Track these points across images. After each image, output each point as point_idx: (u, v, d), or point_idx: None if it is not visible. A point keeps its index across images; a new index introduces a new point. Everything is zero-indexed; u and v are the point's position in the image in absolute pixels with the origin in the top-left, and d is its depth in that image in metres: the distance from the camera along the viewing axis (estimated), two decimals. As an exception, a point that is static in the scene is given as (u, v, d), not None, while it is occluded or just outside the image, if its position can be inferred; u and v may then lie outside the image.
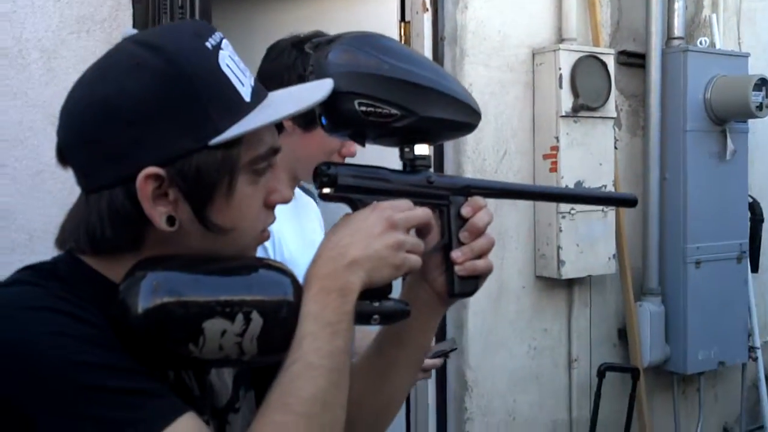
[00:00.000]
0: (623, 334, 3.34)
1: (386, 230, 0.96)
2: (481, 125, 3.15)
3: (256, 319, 0.88)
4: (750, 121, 3.53)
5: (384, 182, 1.02)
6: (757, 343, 3.64)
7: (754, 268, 3.69)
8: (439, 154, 2.96)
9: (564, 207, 3.01)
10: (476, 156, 2.96)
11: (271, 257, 1.66)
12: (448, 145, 2.97)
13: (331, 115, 0.99)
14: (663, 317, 3.34)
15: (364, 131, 1.02)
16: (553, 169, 3.03)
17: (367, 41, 1.01)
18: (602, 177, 3.12)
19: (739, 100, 3.28)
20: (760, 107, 3.28)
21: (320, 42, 1.02)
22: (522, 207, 3.07)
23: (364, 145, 1.05)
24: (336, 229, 0.97)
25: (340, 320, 0.92)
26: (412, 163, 1.05)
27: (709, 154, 3.38)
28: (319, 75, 0.98)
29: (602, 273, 3.16)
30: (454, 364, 2.97)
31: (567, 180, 3.01)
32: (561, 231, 3.01)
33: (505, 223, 3.02)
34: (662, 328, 3.33)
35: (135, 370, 0.84)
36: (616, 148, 3.24)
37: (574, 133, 3.03)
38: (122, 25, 2.28)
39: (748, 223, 3.65)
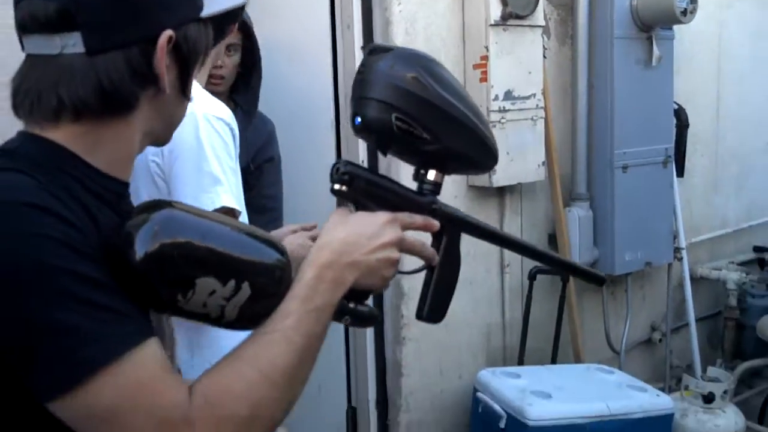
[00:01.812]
0: (553, 239, 3.44)
1: (392, 246, 1.03)
2: (410, 37, 3.15)
3: (245, 290, 0.93)
4: (676, 28, 3.59)
5: (394, 196, 1.07)
6: (683, 244, 3.78)
7: (680, 173, 3.81)
8: (369, 65, 2.95)
9: (494, 117, 3.04)
10: (407, 67, 2.96)
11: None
12: (379, 57, 2.96)
13: (366, 118, 1.04)
14: (591, 221, 3.44)
15: (390, 142, 1.06)
16: (483, 79, 3.05)
17: (420, 62, 1.05)
18: (531, 86, 3.15)
19: (665, 6, 3.32)
20: (684, 13, 3.34)
21: (376, 48, 1.06)
22: (454, 117, 3.09)
23: (385, 155, 1.09)
24: (345, 224, 1.02)
25: (325, 309, 0.98)
26: (421, 186, 1.10)
27: (636, 61, 3.44)
28: (368, 77, 1.03)
29: (532, 180, 3.23)
30: (388, 302, 3.03)
31: (497, 90, 3.04)
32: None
33: (438, 134, 3.05)
34: (591, 232, 3.44)
35: (113, 287, 0.86)
36: (545, 57, 3.27)
37: (503, 42, 3.05)
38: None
39: (674, 129, 3.75)
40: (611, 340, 3.71)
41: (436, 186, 1.10)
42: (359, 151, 2.97)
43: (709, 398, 3.21)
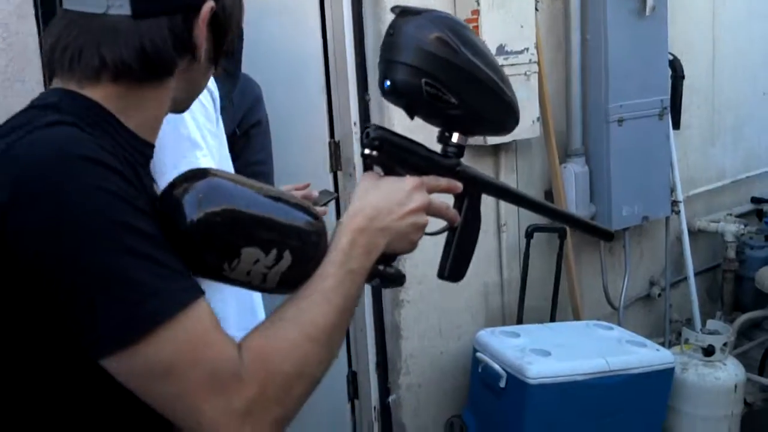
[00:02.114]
0: (550, 196, 3.40)
1: (421, 211, 1.07)
2: (397, -10, 3.00)
3: (287, 258, 0.96)
4: (670, -24, 3.52)
5: (420, 160, 1.10)
6: (680, 197, 3.75)
7: (676, 125, 3.76)
8: (358, 22, 2.90)
9: (487, 72, 2.99)
10: (396, 25, 2.90)
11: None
12: (367, 15, 2.90)
13: (395, 82, 1.05)
14: (587, 177, 3.40)
15: (418, 107, 1.08)
16: (475, 33, 2.98)
17: (449, 25, 1.06)
18: (524, 40, 3.09)
19: (658, -46, 3.26)
20: (678, -39, 3.27)
21: (406, 10, 1.06)
22: (445, 75, 3.04)
23: (412, 118, 1.10)
24: (376, 190, 1.05)
25: (360, 272, 1.01)
26: (445, 148, 1.13)
27: (629, 11, 3.37)
28: (397, 41, 1.04)
29: (527, 137, 3.17)
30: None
31: (489, 44, 2.97)
32: (485, 97, 2.99)
33: (429, 93, 2.99)
34: (587, 188, 3.40)
35: (166, 243, 0.88)
36: (537, 9, 3.20)
37: (493, -5, 2.98)
38: None
39: (669, 81, 3.69)
40: (610, 296, 3.69)
41: (460, 148, 1.12)
42: (351, 112, 2.92)
43: (709, 351, 3.20)
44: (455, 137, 1.12)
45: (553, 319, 3.28)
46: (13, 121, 0.92)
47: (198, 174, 0.93)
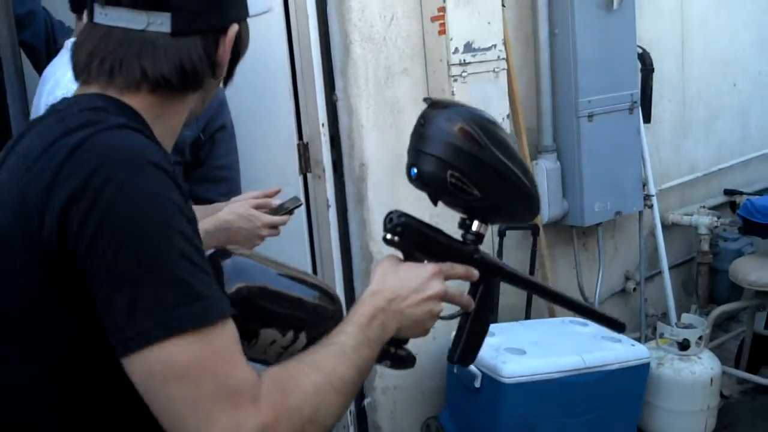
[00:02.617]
0: (522, 194, 3.37)
1: (436, 299, 1.10)
2: (365, -8, 2.90)
3: (302, 340, 1.03)
4: (636, -31, 3.51)
5: (439, 247, 1.12)
6: (652, 191, 3.74)
7: (647, 119, 3.75)
8: (323, 22, 2.86)
9: (455, 70, 2.96)
10: (363, 23, 2.87)
11: None
12: (332, 15, 2.86)
13: (422, 172, 1.10)
14: (559, 173, 3.38)
15: (442, 195, 1.12)
16: (442, 31, 2.96)
17: (477, 121, 1.09)
18: (491, 37, 3.06)
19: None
20: (644, -46, 3.26)
21: (437, 102, 1.12)
22: (414, 74, 3.01)
23: (436, 205, 1.14)
24: (396, 274, 1.09)
25: (376, 342, 1.05)
26: (465, 235, 1.16)
27: (597, 5, 3.35)
28: (427, 132, 1.09)
29: (497, 134, 3.14)
30: (358, 243, 2.97)
31: (456, 42, 2.95)
32: (454, 95, 2.96)
33: (398, 94, 2.96)
34: (559, 184, 3.39)
35: (206, 260, 0.93)
36: (504, 5, 3.17)
37: (460, -8, 2.96)
38: None
39: (639, 74, 3.68)
40: (585, 292, 3.67)
41: (479, 236, 1.15)
42: (319, 113, 2.88)
43: (684, 345, 3.19)
44: (475, 225, 1.15)
45: (528, 317, 3.26)
46: (75, 118, 0.96)
47: (222, 253, 0.99)
